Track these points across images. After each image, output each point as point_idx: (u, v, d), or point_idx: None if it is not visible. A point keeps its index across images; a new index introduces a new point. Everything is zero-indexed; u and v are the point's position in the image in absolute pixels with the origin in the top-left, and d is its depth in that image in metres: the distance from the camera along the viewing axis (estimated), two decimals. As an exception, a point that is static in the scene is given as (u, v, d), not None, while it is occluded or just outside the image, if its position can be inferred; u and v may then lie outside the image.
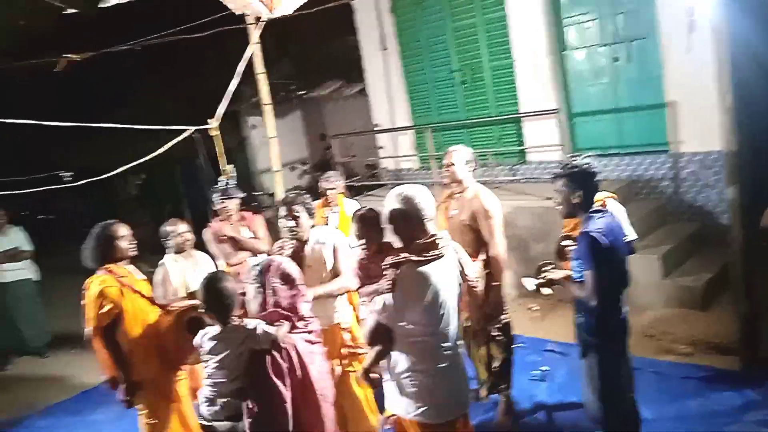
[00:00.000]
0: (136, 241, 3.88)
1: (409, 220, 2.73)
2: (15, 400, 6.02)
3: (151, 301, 3.81)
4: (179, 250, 4.50)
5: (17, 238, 6.89)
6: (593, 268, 3.01)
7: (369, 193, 8.87)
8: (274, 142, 6.82)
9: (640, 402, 3.97)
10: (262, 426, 2.63)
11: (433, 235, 2.74)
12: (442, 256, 2.74)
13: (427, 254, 2.68)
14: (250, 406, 2.64)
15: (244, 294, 2.95)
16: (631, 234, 3.91)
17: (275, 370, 2.64)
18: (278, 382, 2.62)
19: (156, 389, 3.74)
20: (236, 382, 2.81)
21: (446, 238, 2.81)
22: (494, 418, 4.27)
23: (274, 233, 4.31)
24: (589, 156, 3.93)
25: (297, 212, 3.70)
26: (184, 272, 4.43)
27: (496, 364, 4.26)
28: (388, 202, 2.81)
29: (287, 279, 2.82)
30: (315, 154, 11.54)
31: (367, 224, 3.77)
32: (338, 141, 9.40)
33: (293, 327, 2.78)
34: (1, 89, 9.83)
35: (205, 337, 2.91)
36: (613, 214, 3.30)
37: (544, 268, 3.47)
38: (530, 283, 3.55)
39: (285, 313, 2.77)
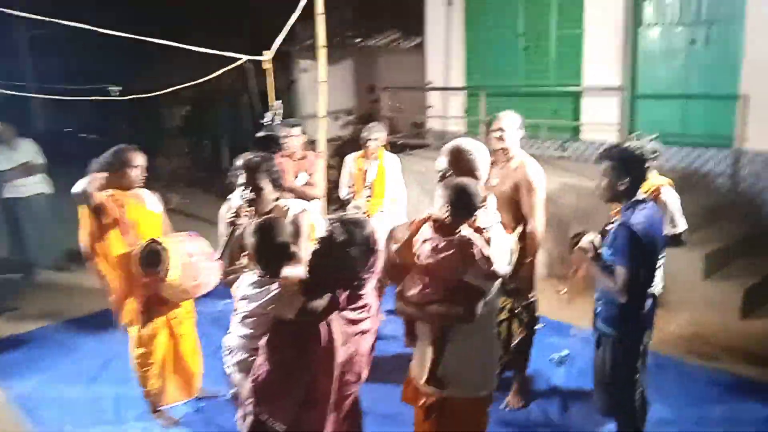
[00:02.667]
0: (145, 174, 3.84)
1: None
2: (35, 310, 6.14)
3: (122, 230, 3.74)
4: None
5: (29, 151, 6.82)
6: (627, 264, 2.83)
7: (411, 151, 8.68)
8: (323, 87, 6.65)
9: (661, 401, 3.85)
10: (263, 397, 2.41)
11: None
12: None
13: None
14: (257, 372, 2.40)
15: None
16: (681, 225, 3.69)
17: (295, 343, 2.32)
18: (293, 356, 2.32)
19: (135, 316, 3.81)
20: (256, 341, 2.56)
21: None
22: (505, 396, 4.14)
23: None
24: (652, 139, 3.69)
25: (259, 182, 3.08)
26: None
27: (515, 341, 4.10)
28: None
29: (369, 248, 2.34)
30: (362, 105, 11.31)
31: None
32: (387, 94, 9.17)
33: (340, 303, 2.35)
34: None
35: (242, 282, 2.68)
36: (655, 205, 3.08)
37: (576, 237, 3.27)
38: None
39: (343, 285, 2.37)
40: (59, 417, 4.24)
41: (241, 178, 3.12)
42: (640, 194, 2.99)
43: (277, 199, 3.24)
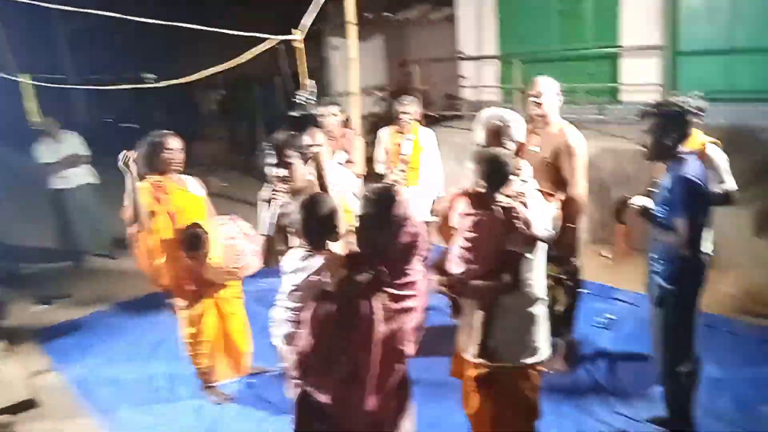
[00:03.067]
0: (181, 156, 3.89)
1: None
2: (86, 296, 6.34)
3: (170, 215, 3.82)
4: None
5: (73, 143, 6.97)
6: (690, 215, 2.77)
7: (446, 123, 8.59)
8: (354, 63, 6.62)
9: (713, 361, 3.77)
10: (306, 370, 2.42)
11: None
12: None
13: None
14: (300, 344, 2.41)
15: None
16: (730, 183, 3.58)
17: (337, 317, 2.30)
18: (334, 330, 2.31)
19: (183, 297, 3.91)
20: (301, 314, 2.58)
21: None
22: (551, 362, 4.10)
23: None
24: (697, 95, 3.57)
25: (290, 158, 3.15)
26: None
27: (559, 307, 4.06)
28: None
29: (408, 222, 2.33)
30: (394, 80, 11.21)
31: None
32: (419, 67, 9.07)
33: (384, 281, 2.33)
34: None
35: (289, 256, 2.72)
36: (699, 159, 2.97)
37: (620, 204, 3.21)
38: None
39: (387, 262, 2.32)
40: (115, 397, 4.39)
41: (271, 157, 3.15)
42: (685, 149, 2.90)
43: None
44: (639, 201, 3.10)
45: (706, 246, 3.01)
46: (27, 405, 4.33)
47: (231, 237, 3.76)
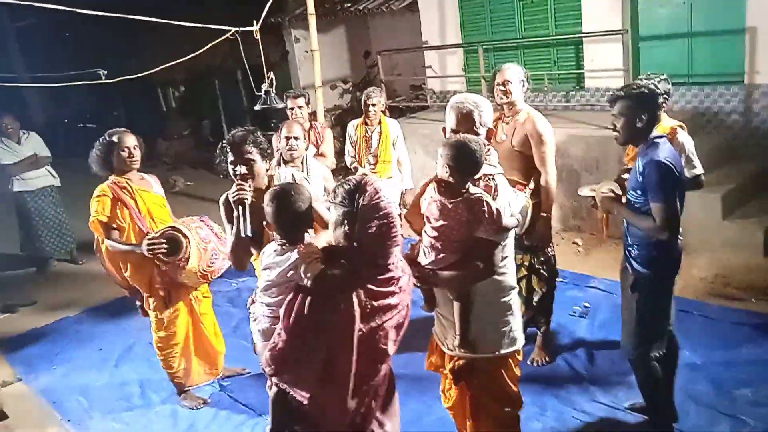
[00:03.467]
0: (138, 154, 3.76)
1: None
2: (52, 302, 6.15)
3: (135, 217, 3.72)
4: (287, 159, 4.04)
5: (34, 144, 6.75)
6: (666, 199, 2.76)
7: (412, 115, 8.55)
8: (317, 55, 6.53)
9: (688, 347, 3.83)
10: (281, 367, 2.32)
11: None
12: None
13: None
14: (275, 340, 2.31)
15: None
16: (698, 167, 3.62)
17: (312, 313, 2.18)
18: (309, 327, 2.21)
19: (156, 302, 3.81)
20: (278, 310, 2.46)
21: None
22: (530, 352, 4.12)
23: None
24: (661, 77, 3.60)
25: (249, 154, 2.99)
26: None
27: (536, 297, 4.07)
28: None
29: (381, 213, 2.19)
30: (358, 72, 11.13)
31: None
32: (383, 59, 9.00)
33: (362, 276, 2.23)
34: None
35: (267, 249, 2.64)
36: (670, 143, 2.98)
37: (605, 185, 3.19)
38: (585, 191, 3.32)
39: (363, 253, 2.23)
40: (85, 406, 4.26)
41: (230, 156, 3.01)
42: (656, 132, 2.90)
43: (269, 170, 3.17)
44: (605, 187, 3.11)
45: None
46: (-6, 418, 4.17)
47: (205, 240, 3.66)
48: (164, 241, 3.51)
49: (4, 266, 7.27)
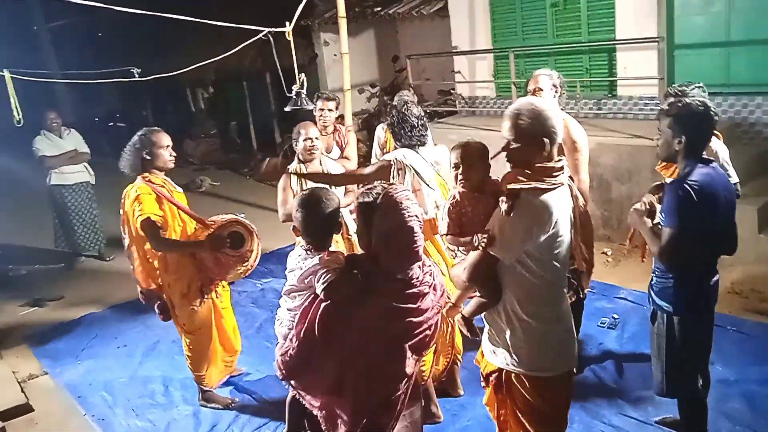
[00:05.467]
0: (175, 153, 3.75)
1: (537, 137, 2.28)
2: (79, 298, 6.21)
3: (188, 213, 3.71)
4: (303, 159, 4.04)
5: (75, 140, 6.92)
6: (674, 224, 2.60)
7: (440, 120, 8.51)
8: (346, 58, 6.52)
9: (722, 362, 3.72)
10: (292, 373, 2.31)
11: (559, 159, 2.34)
12: (563, 184, 2.34)
13: (551, 181, 2.29)
14: (286, 347, 2.29)
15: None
16: (733, 176, 3.52)
17: (324, 322, 2.15)
18: (320, 335, 2.16)
19: (191, 303, 3.73)
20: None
21: (566, 166, 2.41)
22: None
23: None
24: (698, 87, 3.48)
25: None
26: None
27: None
28: (519, 114, 2.33)
29: (400, 226, 2.13)
30: (386, 76, 11.11)
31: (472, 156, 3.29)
32: (411, 63, 8.97)
33: (383, 287, 2.18)
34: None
35: (292, 253, 2.59)
36: (716, 166, 2.81)
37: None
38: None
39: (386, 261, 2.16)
40: (110, 401, 4.28)
41: None
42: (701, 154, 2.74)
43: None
44: (642, 200, 2.98)
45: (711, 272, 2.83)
46: (20, 410, 4.21)
47: None
48: (227, 234, 3.56)
49: (34, 260, 7.38)
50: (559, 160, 2.34)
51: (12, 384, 4.51)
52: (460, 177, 2.50)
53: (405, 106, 3.62)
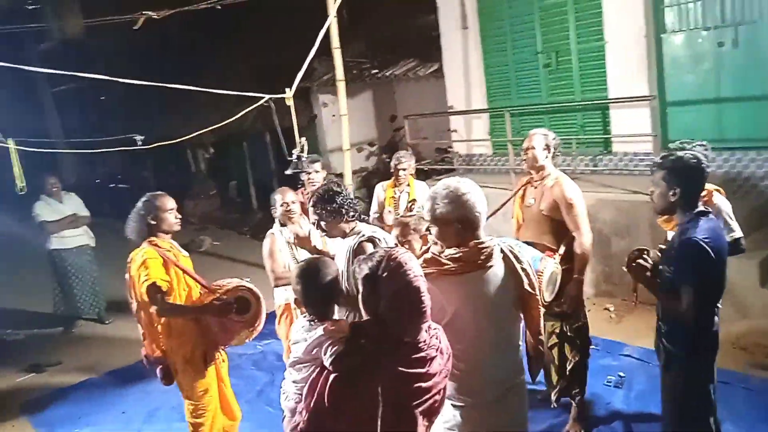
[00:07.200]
0: (180, 216, 3.77)
1: (452, 222, 2.35)
2: (77, 363, 6.14)
3: (194, 277, 3.70)
4: (283, 222, 4.16)
5: (74, 204, 6.97)
6: (695, 282, 2.64)
7: (437, 177, 8.59)
8: (345, 119, 6.66)
9: (730, 420, 3.65)
10: None
11: (479, 243, 2.37)
12: (487, 267, 2.37)
13: (467, 264, 2.33)
14: (296, 420, 2.24)
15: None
16: (737, 230, 3.54)
17: (332, 394, 2.09)
18: (329, 408, 2.10)
19: (194, 369, 3.68)
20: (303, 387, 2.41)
21: (497, 246, 2.45)
22: (564, 424, 3.96)
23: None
24: (701, 145, 3.53)
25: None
26: (290, 244, 4.19)
27: (569, 366, 3.94)
28: (435, 197, 2.41)
29: (405, 288, 2.11)
30: (384, 135, 11.31)
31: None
32: (409, 122, 9.16)
33: (391, 355, 2.13)
34: (81, 49, 10.02)
35: (296, 324, 2.58)
36: (713, 215, 2.88)
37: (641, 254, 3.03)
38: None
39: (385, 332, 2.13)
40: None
41: None
42: (701, 206, 2.81)
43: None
44: (653, 255, 3.01)
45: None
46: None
47: None
48: (234, 300, 3.54)
49: (32, 325, 7.32)
50: (481, 243, 2.37)
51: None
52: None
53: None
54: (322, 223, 3.31)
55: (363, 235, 3.25)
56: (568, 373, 3.94)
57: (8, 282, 8.96)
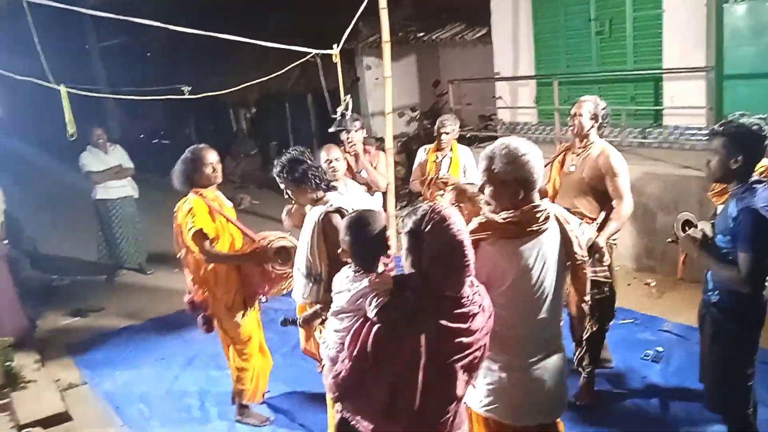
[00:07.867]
0: (220, 169, 3.82)
1: (510, 183, 2.28)
2: (119, 310, 6.33)
3: (238, 226, 3.79)
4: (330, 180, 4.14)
5: (119, 155, 7.09)
6: (755, 250, 2.59)
7: (480, 144, 8.48)
8: (389, 82, 6.56)
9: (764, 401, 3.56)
10: (344, 395, 2.27)
11: (535, 206, 2.32)
12: (543, 231, 2.32)
13: (524, 227, 2.28)
14: (338, 368, 2.25)
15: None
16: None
17: (376, 344, 2.12)
18: (372, 357, 2.12)
19: (236, 316, 3.78)
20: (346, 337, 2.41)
21: (550, 209, 2.39)
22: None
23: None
24: (761, 118, 3.41)
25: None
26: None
27: (585, 335, 3.86)
28: (492, 156, 2.34)
29: (449, 242, 2.11)
30: (426, 101, 11.18)
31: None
32: (453, 87, 9.01)
33: (434, 309, 2.14)
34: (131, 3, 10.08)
35: (341, 273, 2.56)
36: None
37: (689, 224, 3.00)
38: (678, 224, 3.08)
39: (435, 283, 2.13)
40: (147, 414, 4.32)
41: None
42: (755, 176, 2.74)
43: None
44: (702, 227, 2.95)
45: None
46: (59, 418, 4.26)
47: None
48: (277, 249, 3.60)
49: (77, 271, 7.57)
50: (537, 206, 2.31)
51: (53, 392, 4.58)
52: None
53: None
54: (288, 191, 3.35)
55: (330, 206, 3.24)
56: (583, 342, 3.88)
57: (55, 229, 9.25)
